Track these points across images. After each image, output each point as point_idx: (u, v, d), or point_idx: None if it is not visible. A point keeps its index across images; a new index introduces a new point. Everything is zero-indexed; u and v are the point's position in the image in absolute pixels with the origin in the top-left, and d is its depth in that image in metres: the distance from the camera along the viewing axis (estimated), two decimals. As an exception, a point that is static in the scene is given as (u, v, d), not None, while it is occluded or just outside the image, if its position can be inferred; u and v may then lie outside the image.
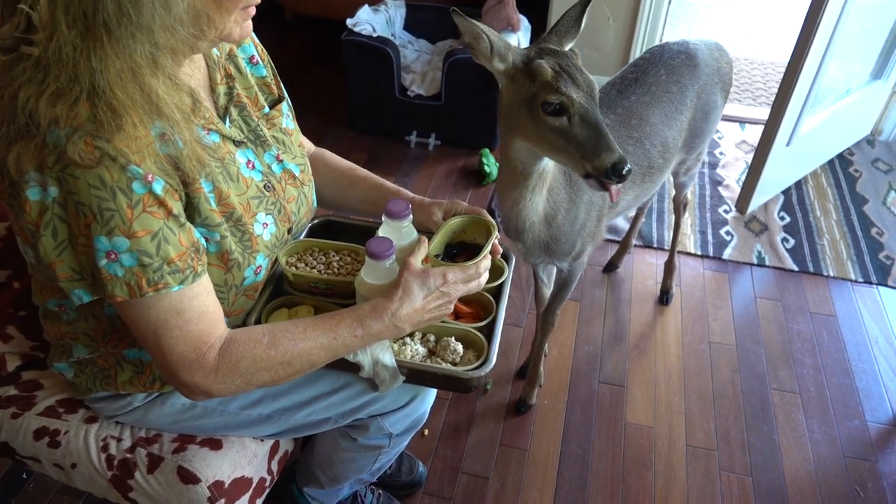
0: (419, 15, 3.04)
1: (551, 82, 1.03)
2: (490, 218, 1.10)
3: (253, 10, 0.86)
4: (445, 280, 0.95)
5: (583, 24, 1.14)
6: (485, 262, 0.99)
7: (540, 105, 1.04)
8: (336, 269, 1.12)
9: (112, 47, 0.72)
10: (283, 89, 1.13)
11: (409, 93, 2.74)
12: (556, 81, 1.03)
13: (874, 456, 1.72)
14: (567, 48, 1.13)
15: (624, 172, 1.02)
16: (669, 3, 2.85)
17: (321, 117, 3.00)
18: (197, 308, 0.86)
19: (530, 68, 1.05)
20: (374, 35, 2.66)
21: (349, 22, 2.69)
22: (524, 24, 2.79)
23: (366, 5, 2.82)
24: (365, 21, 2.73)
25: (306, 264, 1.12)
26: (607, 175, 1.03)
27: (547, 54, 1.07)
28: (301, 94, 3.19)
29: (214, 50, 0.98)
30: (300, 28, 3.73)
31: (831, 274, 2.26)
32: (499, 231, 1.08)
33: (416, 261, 0.96)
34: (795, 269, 2.28)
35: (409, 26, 3.06)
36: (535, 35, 2.94)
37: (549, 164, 1.22)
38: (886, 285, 2.22)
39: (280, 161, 1.06)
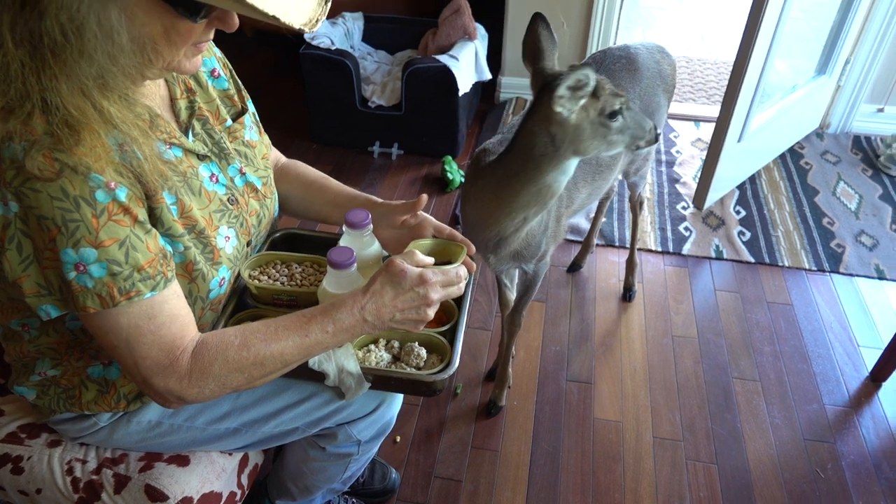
0: (377, 26, 3.06)
1: (611, 91, 1.16)
2: (459, 241, 1.10)
3: (204, 46, 0.86)
4: (424, 281, 0.92)
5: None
6: (462, 270, 0.99)
7: (608, 115, 1.16)
8: (299, 281, 1.13)
9: (59, 68, 0.73)
10: (248, 101, 1.13)
11: (370, 104, 2.76)
12: (613, 88, 1.16)
13: (832, 437, 1.78)
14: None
15: (659, 132, 1.24)
16: (621, 7, 2.92)
17: (284, 131, 3.00)
18: (168, 312, 0.86)
19: (595, 88, 1.14)
20: (333, 48, 2.67)
21: (307, 35, 2.70)
22: (480, 32, 2.84)
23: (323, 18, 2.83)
24: (323, 34, 2.74)
25: (269, 277, 1.13)
26: (654, 141, 1.25)
27: (577, 70, 1.13)
28: (263, 109, 3.17)
29: None
30: (260, 43, 3.72)
31: (786, 264, 2.34)
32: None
33: (400, 259, 0.93)
34: (752, 260, 2.35)
35: (367, 38, 3.09)
36: (492, 43, 2.99)
37: None
38: (839, 272, 2.31)
39: (243, 174, 1.07)
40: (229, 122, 1.07)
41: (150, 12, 0.75)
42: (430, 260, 0.97)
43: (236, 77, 1.12)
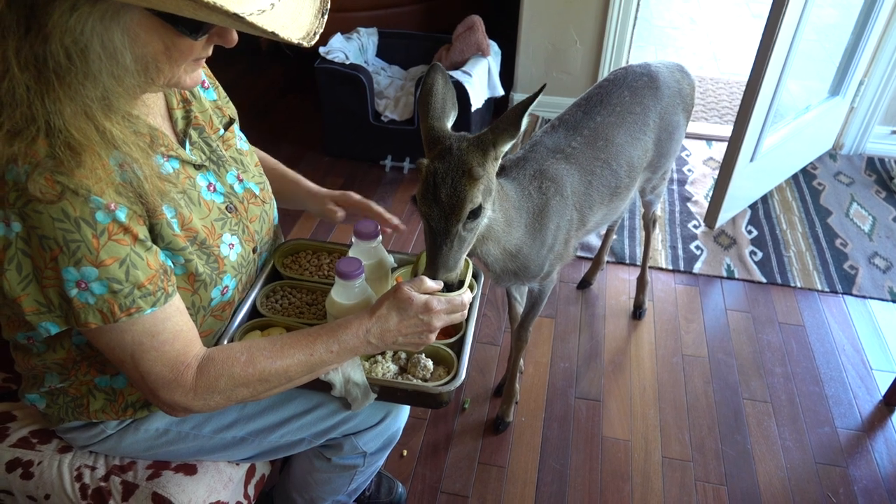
0: (391, 42, 3.09)
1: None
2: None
3: (203, 61, 0.87)
4: (428, 309, 0.96)
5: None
6: (467, 295, 1.02)
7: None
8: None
9: (64, 91, 0.74)
10: (234, 110, 1.15)
11: (382, 118, 2.78)
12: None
13: (845, 461, 1.76)
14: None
15: None
16: (634, 26, 2.94)
17: (296, 143, 3.03)
18: (171, 329, 0.88)
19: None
20: (347, 62, 2.70)
21: (322, 50, 2.73)
22: (494, 48, 2.86)
23: (338, 33, 2.87)
24: (338, 49, 2.77)
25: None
26: None
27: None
28: (277, 122, 3.23)
29: None
30: (275, 57, 3.77)
31: (798, 285, 2.32)
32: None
33: (408, 286, 0.96)
34: (764, 280, 2.34)
35: (381, 53, 3.12)
36: (505, 60, 3.01)
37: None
38: (851, 294, 2.28)
39: (241, 180, 1.08)
40: (221, 131, 1.09)
41: (150, 31, 0.77)
42: (438, 286, 1.00)
43: (221, 88, 1.14)
